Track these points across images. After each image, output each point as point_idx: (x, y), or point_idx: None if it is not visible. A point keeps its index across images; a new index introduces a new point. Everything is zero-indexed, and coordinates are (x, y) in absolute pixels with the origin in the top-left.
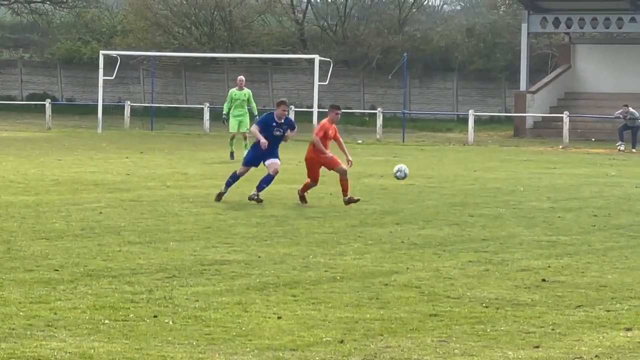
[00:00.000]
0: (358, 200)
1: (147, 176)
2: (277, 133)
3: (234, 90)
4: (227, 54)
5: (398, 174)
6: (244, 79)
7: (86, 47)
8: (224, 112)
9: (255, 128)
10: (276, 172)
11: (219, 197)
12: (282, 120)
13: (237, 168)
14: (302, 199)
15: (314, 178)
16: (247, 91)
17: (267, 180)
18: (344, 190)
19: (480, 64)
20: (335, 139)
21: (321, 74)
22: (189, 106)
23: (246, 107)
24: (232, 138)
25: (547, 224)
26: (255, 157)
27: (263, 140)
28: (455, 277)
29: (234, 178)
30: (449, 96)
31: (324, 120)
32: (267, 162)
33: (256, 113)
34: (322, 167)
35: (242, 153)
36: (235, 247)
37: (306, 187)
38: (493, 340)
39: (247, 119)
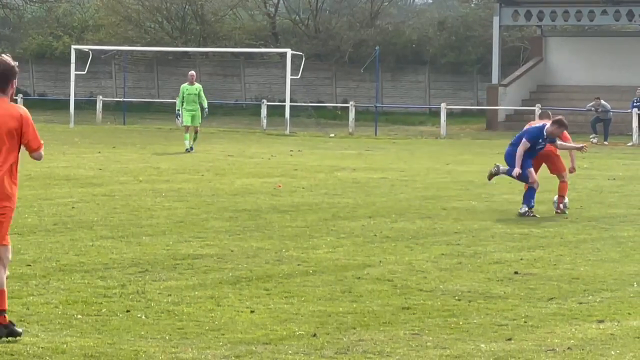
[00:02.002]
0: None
1: (119, 171)
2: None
3: (185, 86)
4: (199, 49)
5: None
6: (194, 74)
7: (58, 42)
8: (177, 108)
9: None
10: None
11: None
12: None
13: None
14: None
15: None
16: (197, 86)
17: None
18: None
19: (452, 57)
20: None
21: (293, 68)
22: (161, 100)
23: (198, 102)
24: (186, 131)
25: (520, 217)
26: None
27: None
28: (427, 270)
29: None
30: (421, 89)
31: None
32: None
33: (206, 106)
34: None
35: (191, 144)
36: (208, 242)
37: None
38: (466, 333)
39: (199, 113)
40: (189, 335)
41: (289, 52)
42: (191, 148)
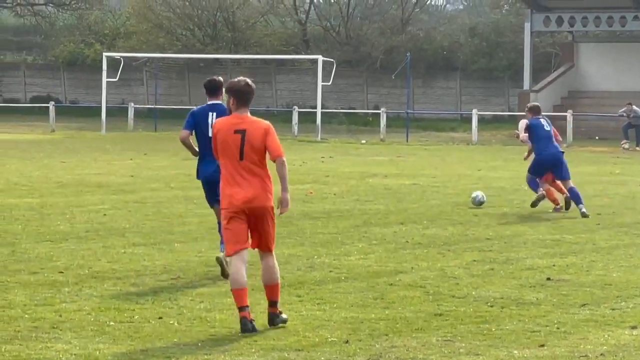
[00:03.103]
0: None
1: (151, 178)
2: None
3: None
4: (230, 55)
5: (476, 200)
6: (222, 80)
7: (89, 49)
8: None
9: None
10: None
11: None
12: None
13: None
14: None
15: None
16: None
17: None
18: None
19: (483, 64)
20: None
21: (324, 75)
22: (193, 107)
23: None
24: None
25: (551, 222)
26: None
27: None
28: (460, 276)
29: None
30: (452, 96)
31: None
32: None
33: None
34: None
35: None
36: None
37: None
38: (498, 340)
39: None
40: (221, 342)
41: (320, 58)
42: None
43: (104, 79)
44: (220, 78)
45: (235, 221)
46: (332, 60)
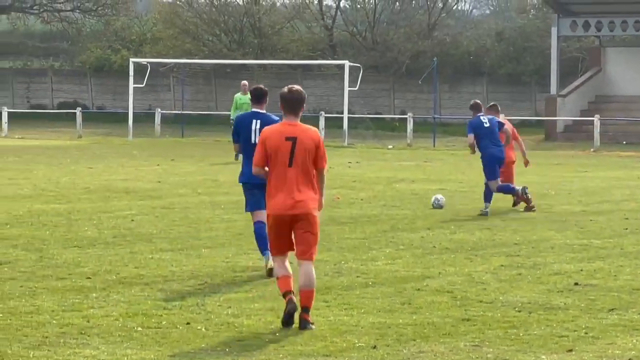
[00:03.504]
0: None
1: (178, 183)
2: None
3: (238, 95)
4: (257, 61)
5: (435, 202)
6: (247, 83)
7: (116, 55)
8: (231, 117)
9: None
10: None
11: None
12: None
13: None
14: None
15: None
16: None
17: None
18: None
19: (510, 68)
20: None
21: (351, 80)
22: (219, 113)
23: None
24: None
25: (579, 227)
26: None
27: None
28: (487, 281)
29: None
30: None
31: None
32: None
33: None
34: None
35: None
36: None
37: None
38: (526, 345)
39: None
40: (249, 348)
41: (346, 63)
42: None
43: (131, 85)
44: (264, 87)
45: (280, 227)
46: (358, 65)
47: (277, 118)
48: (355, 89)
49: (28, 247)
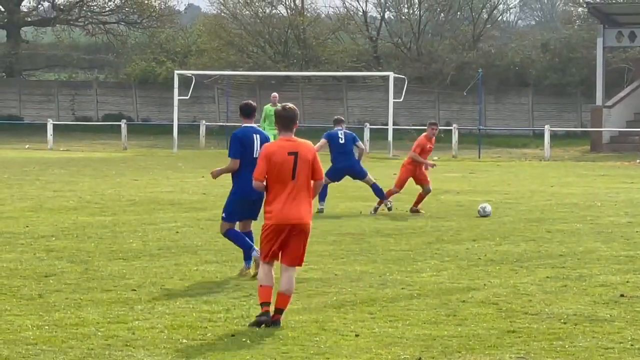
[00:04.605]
0: (421, 213)
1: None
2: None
3: (268, 107)
4: (302, 72)
5: (481, 211)
6: (277, 95)
7: (161, 67)
8: (260, 128)
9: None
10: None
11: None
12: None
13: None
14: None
15: (400, 186)
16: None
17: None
18: (418, 202)
19: (556, 79)
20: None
21: (396, 91)
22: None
23: None
24: None
25: (625, 239)
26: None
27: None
28: (532, 293)
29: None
30: (525, 112)
31: (421, 137)
32: None
33: None
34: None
35: None
36: (311, 265)
37: (390, 194)
38: (572, 357)
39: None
40: (293, 359)
41: (391, 75)
42: None
43: (176, 97)
44: (254, 103)
45: (278, 235)
46: (403, 77)
47: (266, 133)
48: (400, 100)
49: (73, 259)
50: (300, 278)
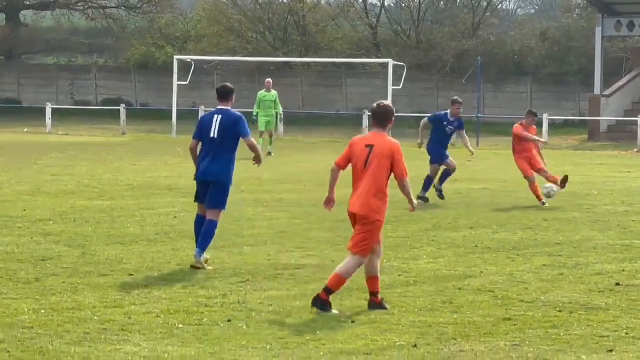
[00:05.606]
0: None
1: None
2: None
3: (262, 92)
4: (301, 59)
5: (545, 191)
6: (271, 81)
7: (160, 52)
8: (254, 113)
9: (423, 121)
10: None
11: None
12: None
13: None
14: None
15: (528, 175)
16: (274, 93)
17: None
18: (554, 181)
19: (554, 68)
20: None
21: (395, 78)
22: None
23: (273, 108)
24: (261, 136)
25: (622, 227)
26: (442, 153)
27: (420, 141)
28: (529, 281)
29: (430, 182)
30: (523, 100)
31: (516, 125)
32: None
33: (281, 113)
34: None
35: (266, 149)
36: (309, 252)
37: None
38: (567, 345)
39: (274, 119)
40: (290, 345)
41: (390, 62)
42: (269, 153)
43: (175, 82)
44: (231, 85)
45: (352, 222)
46: (402, 64)
47: (238, 114)
48: (399, 87)
49: (71, 244)
50: (298, 264)
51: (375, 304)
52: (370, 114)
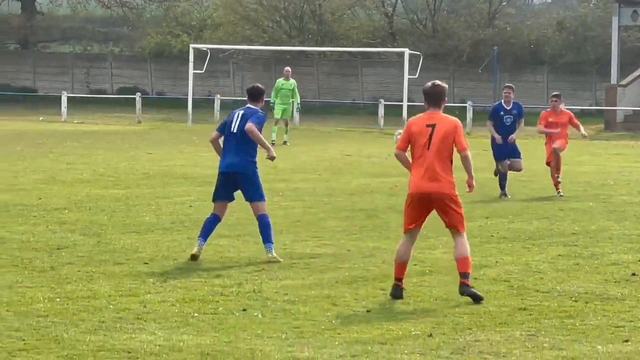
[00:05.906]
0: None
1: None
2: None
3: (280, 80)
4: (317, 48)
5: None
6: (290, 70)
7: (176, 41)
8: (271, 101)
9: (488, 122)
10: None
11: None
12: (510, 106)
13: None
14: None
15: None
16: (292, 82)
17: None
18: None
19: (571, 58)
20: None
21: (411, 68)
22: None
23: (290, 97)
24: (276, 124)
25: (638, 217)
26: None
27: (497, 137)
28: (544, 271)
29: (503, 178)
30: (540, 89)
31: (543, 112)
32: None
33: (298, 102)
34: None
35: (282, 138)
36: (324, 241)
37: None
38: (582, 334)
39: (290, 107)
40: (305, 334)
41: (406, 51)
42: (285, 142)
43: (191, 71)
44: (262, 86)
45: (414, 204)
46: (418, 53)
47: (261, 112)
48: (415, 77)
49: (86, 232)
50: (313, 254)
51: (467, 286)
52: (425, 95)
